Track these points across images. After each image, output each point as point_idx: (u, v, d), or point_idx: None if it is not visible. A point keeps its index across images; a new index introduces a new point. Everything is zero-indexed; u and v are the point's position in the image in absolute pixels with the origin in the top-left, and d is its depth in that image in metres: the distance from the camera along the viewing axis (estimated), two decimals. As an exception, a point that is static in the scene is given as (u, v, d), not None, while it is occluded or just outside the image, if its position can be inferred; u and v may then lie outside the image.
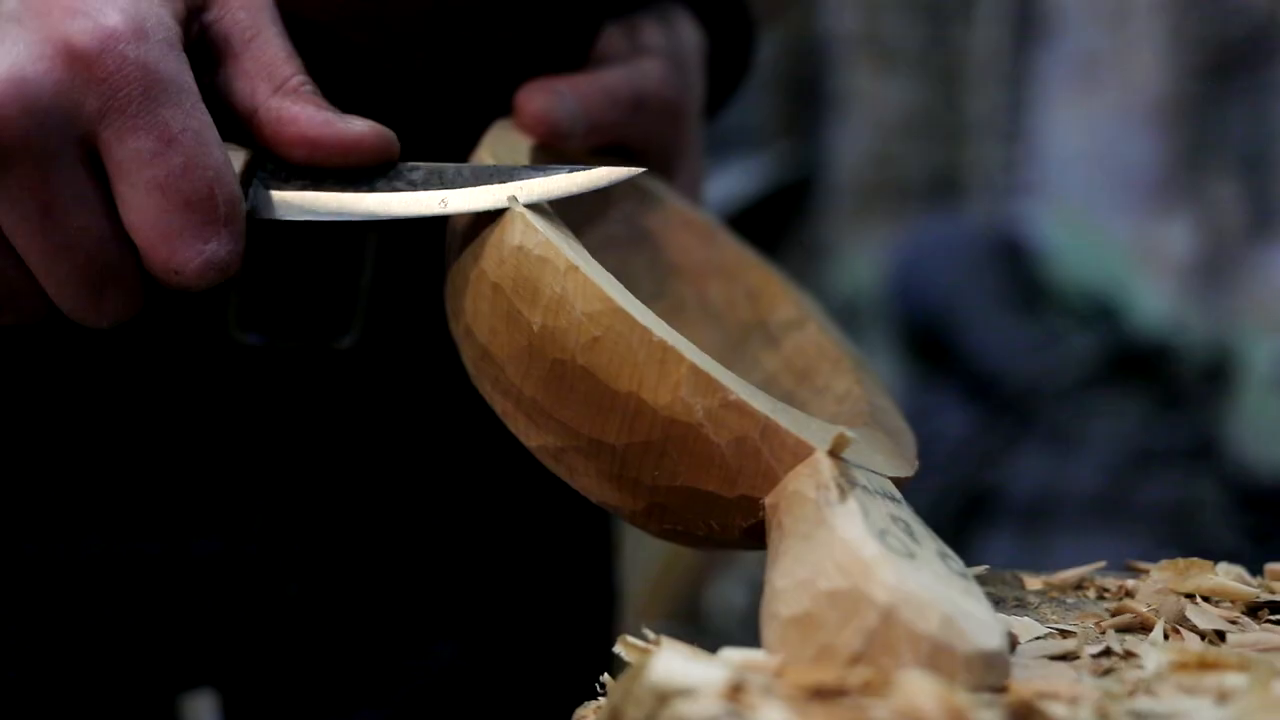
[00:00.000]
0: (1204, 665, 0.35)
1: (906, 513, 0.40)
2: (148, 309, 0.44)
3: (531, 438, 0.43)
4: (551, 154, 0.50)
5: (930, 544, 0.39)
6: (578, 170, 0.44)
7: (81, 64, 0.40)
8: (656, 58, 0.55)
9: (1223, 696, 0.32)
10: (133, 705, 0.61)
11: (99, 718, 0.60)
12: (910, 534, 0.38)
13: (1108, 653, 0.38)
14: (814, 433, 0.41)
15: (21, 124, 0.39)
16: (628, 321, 0.40)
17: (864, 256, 2.21)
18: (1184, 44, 1.96)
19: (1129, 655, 0.38)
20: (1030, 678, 0.35)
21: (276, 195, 0.44)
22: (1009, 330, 2.07)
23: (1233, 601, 0.43)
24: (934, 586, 0.35)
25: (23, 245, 0.41)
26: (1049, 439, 1.99)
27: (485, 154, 0.46)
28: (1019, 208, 2.16)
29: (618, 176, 0.45)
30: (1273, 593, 0.44)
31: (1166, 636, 0.40)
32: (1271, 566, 0.46)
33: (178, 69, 0.41)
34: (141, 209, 0.41)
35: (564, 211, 0.45)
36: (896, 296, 2.18)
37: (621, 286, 0.41)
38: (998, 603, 0.43)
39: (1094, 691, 0.33)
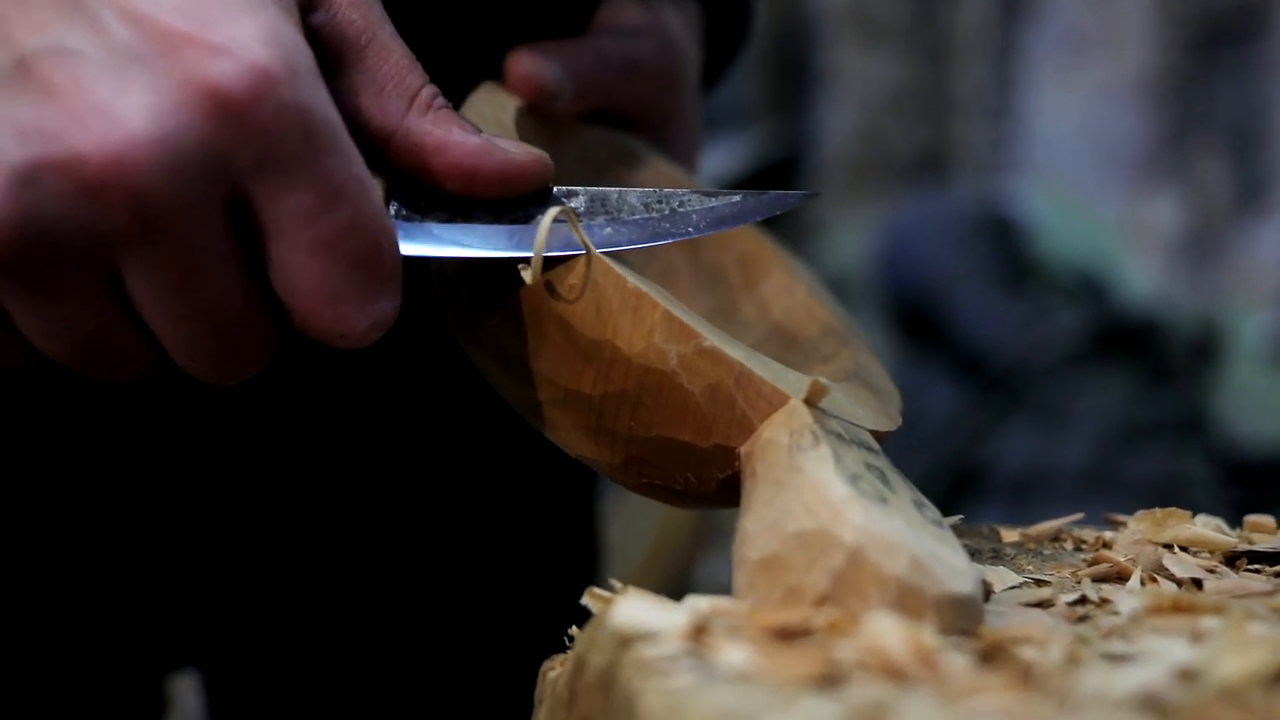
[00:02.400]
0: (1179, 609, 0.34)
1: (883, 462, 0.40)
2: None
3: (509, 390, 0.43)
4: (539, 115, 0.50)
5: (905, 493, 0.38)
6: (748, 197, 0.42)
7: (232, 114, 0.33)
8: (651, 25, 0.54)
9: (1196, 638, 0.32)
10: (119, 686, 0.61)
11: (86, 699, 0.59)
12: (885, 482, 0.38)
13: (1083, 600, 0.37)
14: (790, 382, 0.40)
15: (166, 191, 0.33)
16: (602, 269, 0.40)
17: (852, 234, 2.21)
18: (1171, 19, 1.96)
19: (1105, 603, 0.37)
20: (1004, 624, 0.34)
21: (421, 229, 0.39)
22: (997, 307, 2.07)
23: (1211, 552, 0.43)
24: (905, 530, 0.34)
25: (151, 314, 0.36)
26: (1037, 415, 1.99)
27: (470, 114, 0.46)
28: (1007, 184, 2.15)
29: (787, 205, 0.43)
30: (1251, 543, 0.43)
31: (1143, 585, 0.39)
32: (1251, 518, 0.46)
33: (330, 107, 0.35)
34: (302, 272, 0.36)
35: (558, 179, 0.46)
36: (884, 274, 2.17)
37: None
38: (974, 554, 0.43)
39: (1066, 636, 0.32)
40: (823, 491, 0.34)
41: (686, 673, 0.27)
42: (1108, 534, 0.45)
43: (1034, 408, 1.99)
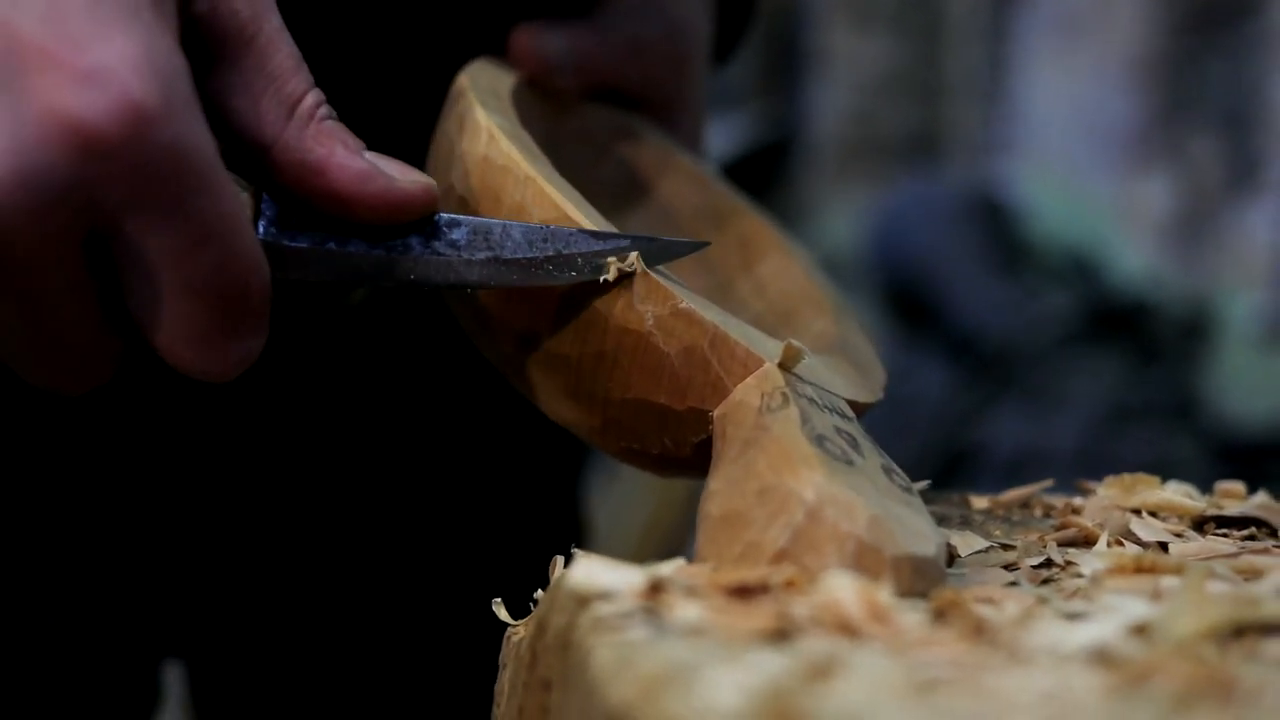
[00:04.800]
0: (1140, 569, 0.34)
1: (855, 429, 0.40)
2: None
3: (491, 350, 0.43)
4: (540, 92, 0.50)
5: (875, 458, 0.38)
6: (638, 241, 0.40)
7: (100, 152, 0.31)
8: (659, 6, 0.54)
9: (1156, 597, 0.32)
10: (111, 674, 0.60)
11: (79, 686, 0.59)
12: (854, 446, 0.38)
13: (1049, 564, 0.37)
14: (766, 347, 0.40)
15: (22, 232, 0.30)
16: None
17: (843, 217, 2.21)
18: (1163, 0, 1.95)
19: (1069, 565, 0.37)
20: (966, 586, 0.34)
21: (293, 254, 0.36)
22: (989, 289, 2.06)
23: (1180, 517, 0.43)
24: (867, 491, 0.34)
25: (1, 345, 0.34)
26: (1029, 396, 1.99)
27: (468, 83, 0.46)
28: (998, 166, 2.15)
29: (673, 254, 0.42)
30: (1220, 508, 0.43)
31: (1110, 549, 0.39)
32: (1222, 484, 0.46)
33: (207, 141, 0.33)
34: (166, 312, 0.33)
35: (558, 156, 0.46)
36: (876, 257, 2.17)
37: (580, 197, 0.42)
38: (943, 520, 0.43)
39: (1027, 596, 0.32)
40: (787, 450, 0.34)
41: (638, 628, 0.27)
42: (1077, 500, 0.45)
43: (1026, 389, 2.00)
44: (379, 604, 0.63)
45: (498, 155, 0.42)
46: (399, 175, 0.37)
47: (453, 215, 0.39)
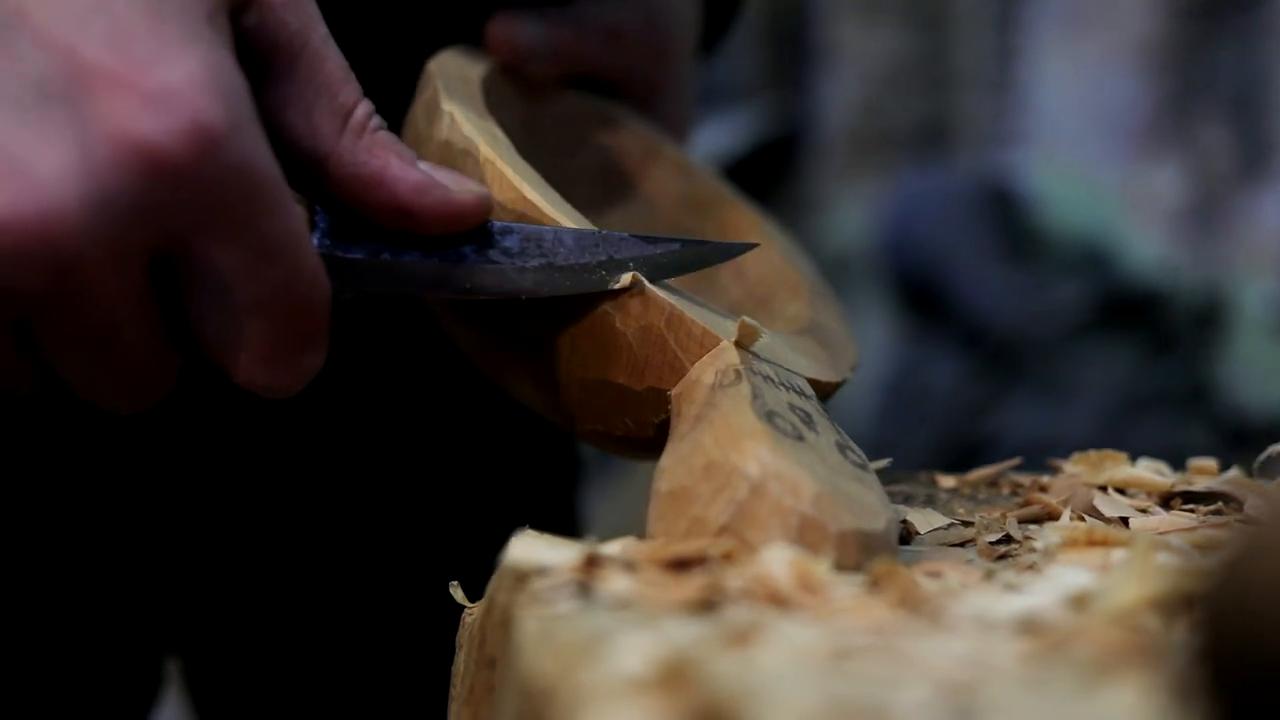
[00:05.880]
0: (1092, 542, 0.34)
1: (813, 406, 0.40)
2: None
3: (459, 335, 0.44)
4: (515, 80, 0.50)
5: (830, 435, 0.38)
6: (689, 245, 0.41)
7: (169, 175, 0.30)
8: None
9: (1105, 569, 0.32)
10: (114, 666, 0.61)
11: (81, 677, 0.60)
12: (808, 423, 0.38)
13: (1007, 539, 0.37)
14: (724, 326, 0.41)
15: (91, 255, 0.30)
16: (536, 210, 0.41)
17: (853, 210, 2.20)
18: (1172, -15, 1.94)
19: (1027, 540, 0.37)
20: (918, 561, 0.34)
21: (348, 266, 0.36)
22: (1000, 280, 2.05)
23: (1149, 493, 0.42)
24: (815, 467, 0.34)
25: (55, 357, 0.33)
26: (1041, 387, 1.98)
27: (432, 69, 0.46)
28: (1008, 156, 2.14)
29: (727, 255, 0.43)
30: (1190, 484, 0.43)
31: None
32: (1195, 461, 0.46)
33: (270, 158, 0.33)
34: (231, 331, 0.34)
35: (535, 144, 0.46)
36: (887, 249, 2.16)
37: (540, 180, 0.42)
38: (908, 499, 0.42)
39: (974, 569, 0.32)
40: (734, 426, 0.34)
41: (566, 601, 0.27)
42: (1045, 478, 0.44)
43: (1038, 379, 1.98)
44: (374, 601, 0.63)
45: (458, 139, 0.42)
46: (454, 185, 0.37)
47: (504, 223, 0.39)
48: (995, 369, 2.00)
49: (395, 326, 0.57)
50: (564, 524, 0.69)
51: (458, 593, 0.37)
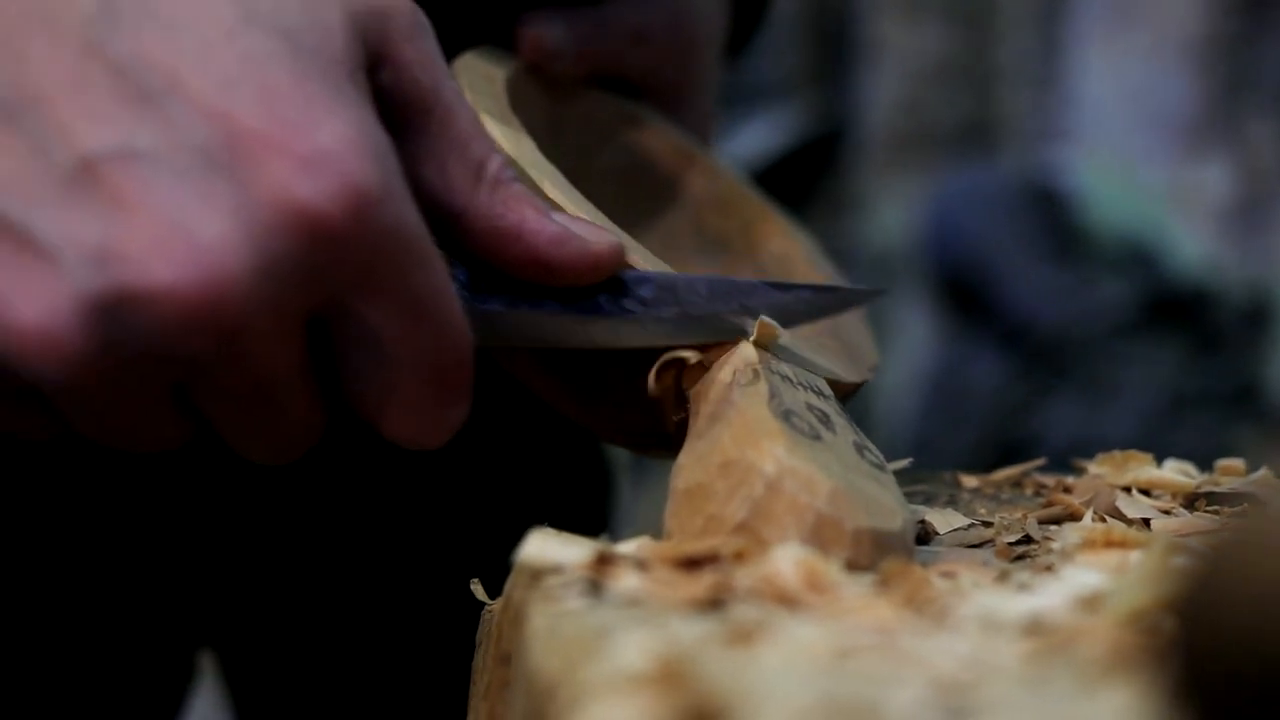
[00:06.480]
0: (1110, 543, 0.34)
1: (831, 406, 0.40)
2: None
3: (478, 334, 0.44)
4: (540, 79, 0.50)
5: (848, 435, 0.38)
6: (820, 291, 0.41)
7: (327, 237, 0.31)
8: None
9: (1120, 570, 0.32)
10: (148, 658, 0.62)
11: (118, 669, 0.61)
12: (826, 423, 0.38)
13: (1027, 540, 0.37)
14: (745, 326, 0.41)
15: (255, 320, 0.30)
16: (558, 210, 0.41)
17: (896, 209, 2.19)
18: (1219, -20, 1.92)
19: (1046, 541, 0.37)
20: (935, 561, 0.34)
21: (485, 319, 0.36)
22: (1044, 278, 2.04)
23: (1173, 495, 0.42)
24: (831, 465, 0.34)
25: (211, 414, 0.34)
26: (1085, 386, 1.96)
27: (456, 69, 0.47)
28: (1052, 153, 2.12)
29: (857, 302, 0.43)
30: (1216, 485, 0.42)
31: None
32: (1223, 462, 0.45)
33: (418, 217, 0.33)
34: (382, 386, 0.34)
35: (560, 144, 0.46)
36: (929, 247, 2.15)
37: (563, 179, 0.43)
38: (930, 498, 0.42)
39: (990, 569, 0.32)
40: (750, 424, 0.34)
41: (575, 598, 0.27)
42: (1070, 479, 0.44)
43: (1081, 379, 1.97)
44: (405, 598, 0.64)
45: None
46: (590, 236, 0.37)
47: (638, 271, 0.38)
48: (1038, 368, 1.99)
49: None
50: (593, 525, 0.69)
51: (478, 590, 0.37)
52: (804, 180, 2.21)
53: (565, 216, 0.38)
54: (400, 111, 0.35)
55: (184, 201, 0.30)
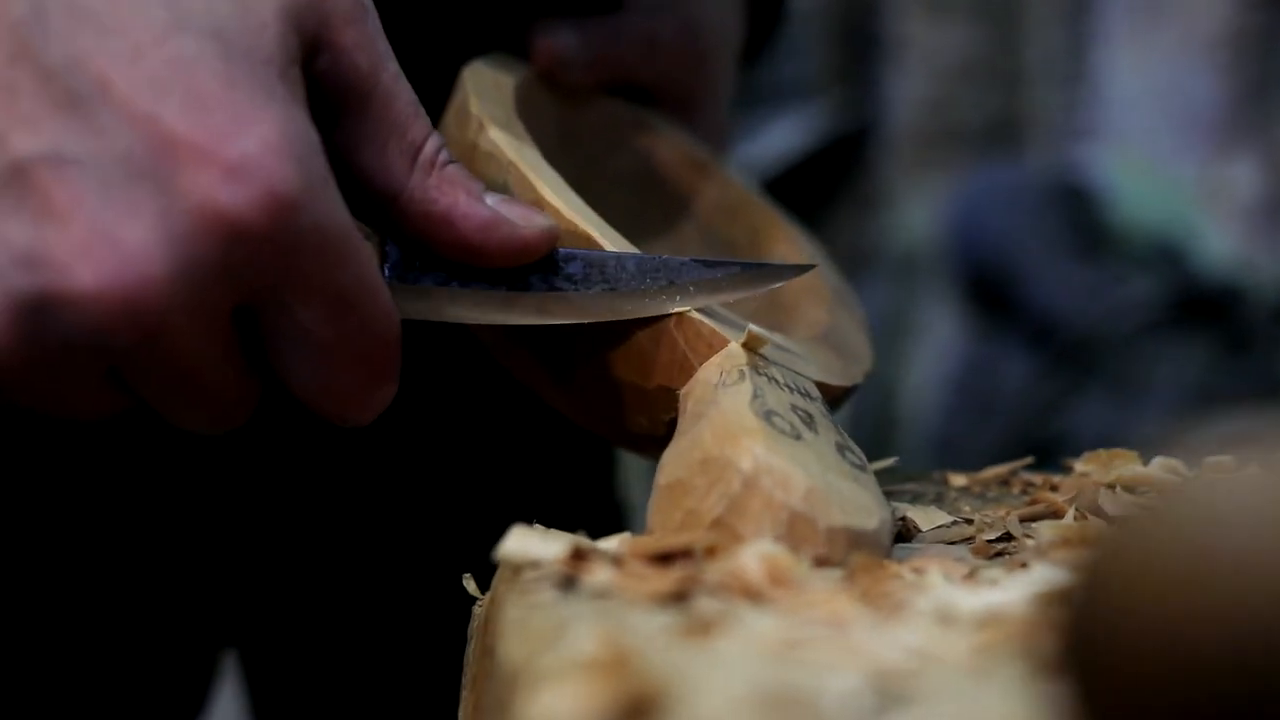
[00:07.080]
0: (1085, 541, 0.34)
1: (816, 408, 0.40)
2: None
3: (480, 330, 0.45)
4: (552, 86, 0.51)
5: (830, 436, 0.39)
6: (749, 268, 0.42)
7: (248, 242, 0.32)
8: (676, 4, 0.55)
9: (1089, 566, 0.32)
10: (170, 660, 0.63)
11: (140, 670, 0.62)
12: (809, 423, 0.38)
13: (1007, 537, 0.38)
14: (734, 329, 0.41)
15: (176, 319, 0.32)
16: (555, 212, 0.42)
17: (922, 207, 2.18)
18: (1248, -24, 1.90)
19: (1026, 538, 0.37)
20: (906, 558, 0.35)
21: (417, 294, 0.38)
22: (1072, 276, 2.03)
23: (1159, 492, 0.42)
24: (810, 465, 0.35)
25: (145, 394, 0.35)
26: (1113, 385, 1.95)
27: (465, 75, 0.47)
28: (1080, 151, 2.11)
29: (784, 277, 0.44)
30: (1202, 484, 0.43)
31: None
32: (1211, 459, 0.45)
33: (343, 214, 0.34)
34: (311, 371, 0.36)
35: (570, 151, 0.48)
36: (956, 245, 2.14)
37: (565, 185, 0.44)
38: (916, 497, 0.43)
39: (961, 566, 0.33)
40: (731, 422, 0.35)
41: (547, 591, 0.28)
42: (1056, 477, 0.45)
43: (1110, 378, 1.96)
44: (420, 593, 0.64)
45: (484, 142, 0.43)
46: (521, 221, 0.39)
47: (568, 250, 0.40)
48: (1066, 367, 1.98)
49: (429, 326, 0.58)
50: (604, 513, 0.70)
51: (470, 585, 0.38)
52: (830, 179, 2.20)
53: (498, 199, 0.39)
54: (338, 96, 0.36)
55: (109, 208, 0.31)
